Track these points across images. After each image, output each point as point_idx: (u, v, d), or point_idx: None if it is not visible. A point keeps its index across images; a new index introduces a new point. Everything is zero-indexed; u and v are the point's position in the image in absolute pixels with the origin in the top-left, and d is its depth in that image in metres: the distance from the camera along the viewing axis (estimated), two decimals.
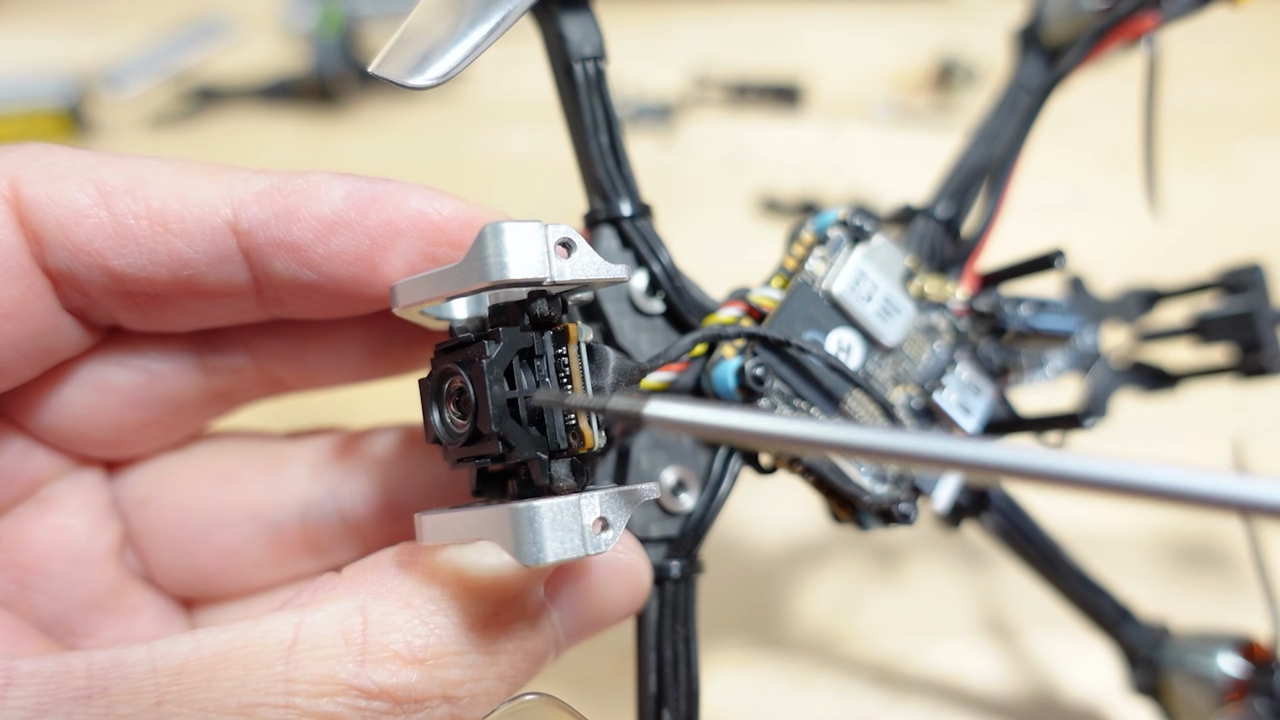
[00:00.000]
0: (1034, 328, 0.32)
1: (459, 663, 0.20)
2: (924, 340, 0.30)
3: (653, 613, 0.26)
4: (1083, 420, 0.31)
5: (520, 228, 0.21)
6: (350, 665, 0.19)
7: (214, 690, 0.19)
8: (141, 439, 0.28)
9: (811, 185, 0.70)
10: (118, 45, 0.75)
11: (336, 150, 0.70)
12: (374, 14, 0.79)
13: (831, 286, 0.29)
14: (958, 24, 0.89)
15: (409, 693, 0.20)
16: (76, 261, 0.22)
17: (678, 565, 0.26)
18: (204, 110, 0.71)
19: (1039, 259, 0.32)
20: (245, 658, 0.19)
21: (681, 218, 0.67)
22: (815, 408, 0.28)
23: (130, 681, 0.19)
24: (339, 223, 0.23)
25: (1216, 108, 0.84)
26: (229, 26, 0.78)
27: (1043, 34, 0.37)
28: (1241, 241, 0.70)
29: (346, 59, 0.71)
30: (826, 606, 0.46)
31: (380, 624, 0.20)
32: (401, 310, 0.24)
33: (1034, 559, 0.35)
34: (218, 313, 0.25)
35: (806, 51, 0.83)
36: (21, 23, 0.77)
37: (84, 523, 0.27)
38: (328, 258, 0.23)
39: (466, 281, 0.21)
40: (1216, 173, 0.76)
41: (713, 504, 0.27)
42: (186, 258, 0.23)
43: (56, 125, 0.66)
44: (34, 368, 0.25)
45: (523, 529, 0.20)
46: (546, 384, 0.22)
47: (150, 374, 0.27)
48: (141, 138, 0.69)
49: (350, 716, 0.19)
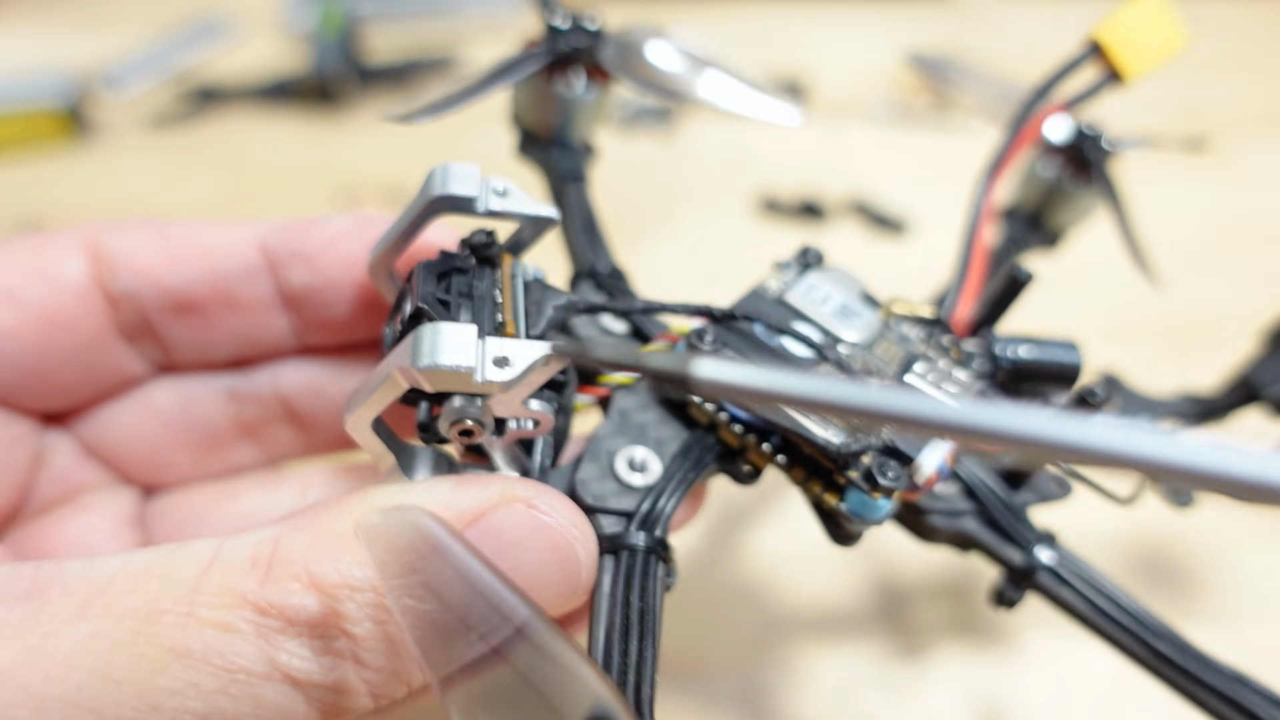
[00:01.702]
0: (1033, 360, 0.30)
1: (355, 599, 0.21)
2: (898, 348, 0.29)
3: (605, 583, 0.25)
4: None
5: (462, 165, 0.25)
6: (251, 583, 0.21)
7: (131, 600, 0.20)
8: (174, 461, 0.32)
9: (811, 185, 0.70)
10: (118, 45, 0.75)
11: (336, 150, 0.70)
12: (374, 14, 0.79)
13: (784, 294, 0.29)
14: (959, 23, 0.89)
15: (300, 614, 0.20)
16: (138, 281, 0.28)
17: (638, 535, 0.25)
18: (204, 110, 0.71)
19: (1006, 283, 0.30)
20: (165, 572, 0.21)
21: (681, 217, 0.67)
22: None
23: (65, 587, 0.21)
24: (342, 235, 0.29)
25: (1216, 108, 0.84)
26: (229, 26, 0.78)
27: (1022, 209, 0.41)
28: (1242, 242, 0.70)
29: (347, 59, 0.71)
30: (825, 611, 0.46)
31: (287, 550, 0.21)
32: (373, 268, 0.27)
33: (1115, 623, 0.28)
34: (250, 330, 0.30)
35: (807, 51, 0.83)
36: (21, 23, 0.77)
37: (108, 527, 0.30)
38: (332, 263, 0.29)
39: (412, 209, 0.25)
40: (1217, 173, 0.76)
41: (675, 480, 0.26)
42: (223, 274, 0.28)
43: (56, 125, 0.66)
44: (81, 382, 0.29)
45: (423, 339, 0.21)
46: (480, 298, 0.24)
47: (187, 396, 0.31)
48: (141, 138, 0.69)
49: (246, 630, 0.20)
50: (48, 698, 0.19)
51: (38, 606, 0.20)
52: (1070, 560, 0.29)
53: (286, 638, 0.20)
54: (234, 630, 0.20)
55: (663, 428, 0.28)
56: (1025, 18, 0.91)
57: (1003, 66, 0.81)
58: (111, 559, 0.22)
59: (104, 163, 0.67)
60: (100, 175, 0.66)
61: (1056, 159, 0.39)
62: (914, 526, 0.30)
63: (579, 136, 0.35)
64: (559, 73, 0.33)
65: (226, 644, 0.20)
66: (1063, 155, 0.38)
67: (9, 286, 0.26)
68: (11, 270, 0.27)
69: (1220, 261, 0.69)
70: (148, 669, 0.20)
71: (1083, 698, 0.43)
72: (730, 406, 0.27)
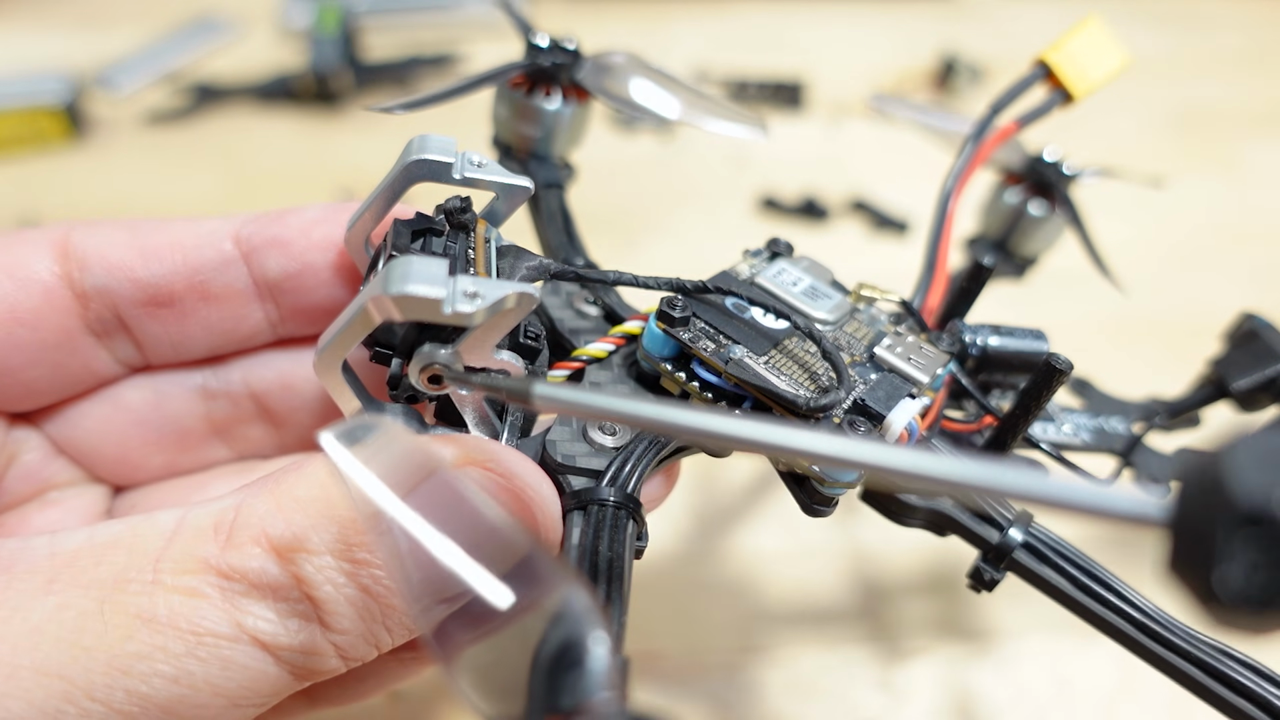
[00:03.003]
0: (1001, 348, 0.31)
1: (313, 562, 0.21)
2: (867, 328, 0.30)
3: (575, 536, 0.24)
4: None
5: (439, 136, 0.26)
6: (213, 548, 0.21)
7: (98, 571, 0.21)
8: (145, 461, 0.31)
9: (812, 184, 0.70)
10: (116, 44, 0.75)
11: (334, 147, 0.70)
12: (371, 11, 0.79)
13: (755, 276, 0.30)
14: (959, 23, 0.89)
15: (262, 578, 0.21)
16: (110, 276, 0.27)
17: (607, 490, 0.25)
18: (202, 108, 0.71)
19: (971, 271, 0.31)
20: (130, 543, 0.21)
21: (681, 216, 0.67)
22: (743, 345, 0.27)
23: (30, 562, 0.21)
24: (317, 220, 0.29)
25: (1216, 108, 0.84)
26: (227, 24, 0.78)
27: (988, 236, 0.42)
28: (1243, 242, 0.70)
29: (344, 57, 0.71)
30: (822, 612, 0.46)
31: (248, 515, 0.21)
32: (350, 238, 0.27)
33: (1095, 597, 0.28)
34: (226, 323, 0.29)
35: (807, 51, 0.83)
36: (20, 21, 0.77)
37: (75, 522, 0.29)
38: (308, 248, 0.28)
39: (391, 175, 0.25)
40: (1217, 172, 0.76)
41: (646, 442, 0.26)
42: (198, 265, 0.28)
43: (55, 123, 0.66)
44: (49, 381, 0.28)
45: (395, 267, 0.21)
46: (454, 259, 0.24)
47: (158, 394, 0.31)
48: (139, 135, 0.69)
49: (211, 594, 0.20)
50: (18, 666, 0.19)
51: (3, 583, 0.20)
52: (1047, 537, 0.28)
53: (251, 601, 0.21)
54: (199, 595, 0.20)
55: (636, 399, 0.28)
56: (1025, 18, 0.91)
57: (1003, 66, 0.81)
58: (77, 533, 0.22)
59: (102, 161, 0.67)
60: (98, 173, 0.66)
61: (1018, 186, 0.40)
62: (888, 506, 0.29)
63: (557, 152, 0.36)
64: (539, 87, 0.34)
65: (192, 608, 0.20)
66: (1025, 182, 0.40)
67: None
68: None
69: (1220, 261, 0.69)
70: (115, 635, 0.20)
71: (1085, 699, 0.43)
72: (702, 372, 0.27)
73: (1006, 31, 0.89)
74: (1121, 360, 0.50)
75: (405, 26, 0.80)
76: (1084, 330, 0.56)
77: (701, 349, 0.26)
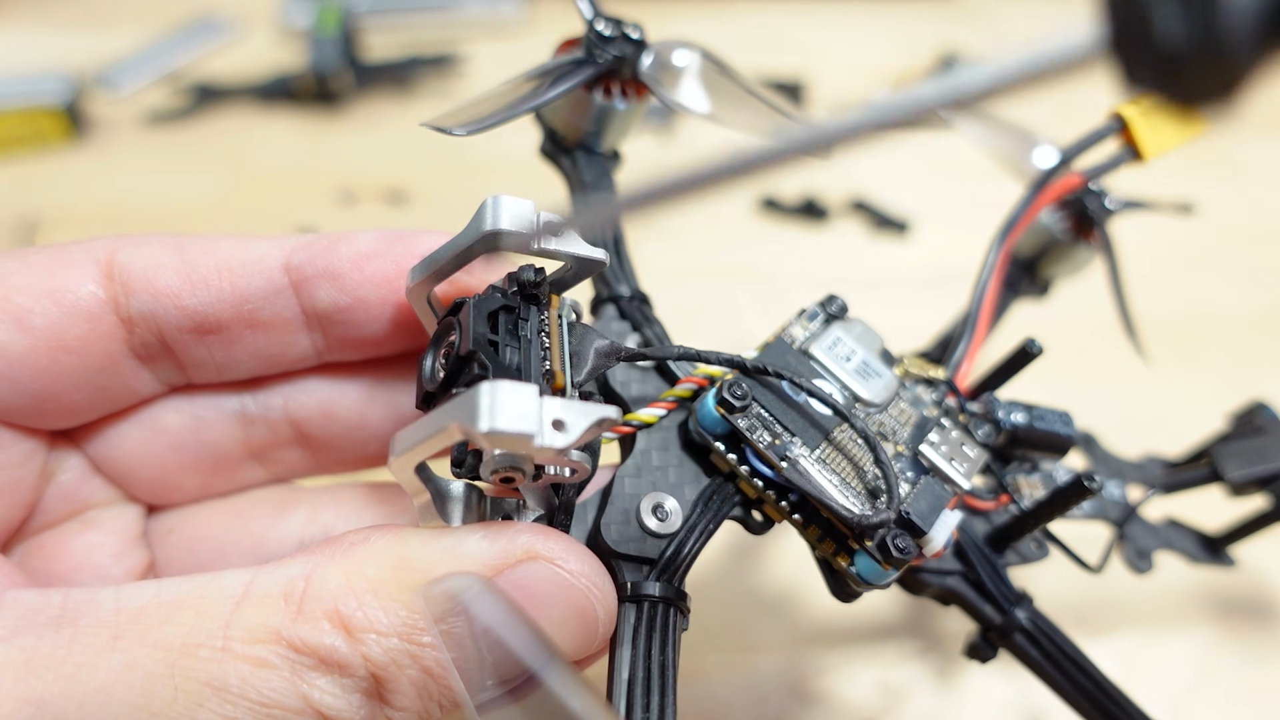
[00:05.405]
0: (1032, 427, 0.32)
1: (382, 644, 0.21)
2: (911, 410, 0.30)
3: (626, 631, 0.25)
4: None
5: (515, 199, 0.24)
6: (284, 619, 0.21)
7: (165, 631, 0.21)
8: (181, 483, 0.31)
9: (811, 184, 0.70)
10: (116, 43, 0.75)
11: (334, 147, 0.70)
12: (371, 11, 0.79)
13: (809, 346, 0.29)
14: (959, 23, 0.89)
15: (332, 655, 0.21)
16: (156, 303, 0.27)
17: (658, 586, 0.26)
18: (202, 108, 0.71)
19: (1018, 353, 0.32)
20: (198, 605, 0.21)
21: (681, 215, 0.67)
22: (798, 438, 0.27)
23: (95, 616, 0.21)
24: (371, 253, 0.28)
25: None
26: (227, 24, 0.78)
27: (1019, 255, 0.41)
28: (1243, 242, 0.70)
29: (344, 57, 0.71)
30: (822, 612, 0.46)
31: (319, 588, 0.22)
32: (413, 291, 0.26)
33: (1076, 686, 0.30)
34: (272, 350, 0.29)
35: (807, 51, 0.83)
36: (20, 21, 0.77)
37: (114, 544, 0.30)
38: (361, 282, 0.28)
39: (463, 241, 0.24)
40: (1219, 173, 0.76)
41: (696, 531, 0.27)
42: (247, 294, 0.28)
43: (55, 123, 0.66)
44: (90, 404, 0.28)
45: (483, 397, 0.20)
46: (527, 340, 0.24)
47: (196, 419, 0.30)
48: (139, 135, 0.69)
49: (280, 666, 0.21)
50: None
51: (69, 636, 0.20)
52: (1043, 623, 0.30)
53: (318, 674, 0.21)
54: (268, 666, 0.21)
55: (682, 470, 0.28)
56: (1025, 17, 0.91)
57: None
58: (142, 588, 0.22)
59: (102, 161, 0.67)
60: (99, 173, 0.66)
61: (1059, 211, 0.39)
62: (903, 580, 0.31)
63: (608, 144, 0.35)
64: (599, 82, 0.32)
65: (261, 679, 0.20)
66: (1066, 208, 0.39)
67: (20, 309, 0.25)
68: (23, 291, 0.26)
69: (1220, 261, 0.69)
70: (185, 702, 0.20)
71: None
72: (752, 460, 0.27)
73: (1006, 31, 0.89)
74: (1122, 360, 0.50)
75: (405, 26, 0.80)
76: (1084, 330, 0.55)
77: (758, 440, 0.26)
